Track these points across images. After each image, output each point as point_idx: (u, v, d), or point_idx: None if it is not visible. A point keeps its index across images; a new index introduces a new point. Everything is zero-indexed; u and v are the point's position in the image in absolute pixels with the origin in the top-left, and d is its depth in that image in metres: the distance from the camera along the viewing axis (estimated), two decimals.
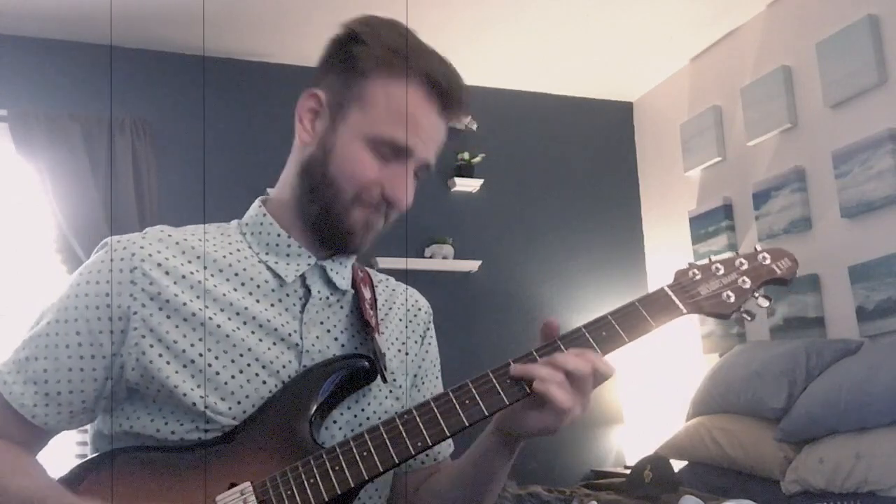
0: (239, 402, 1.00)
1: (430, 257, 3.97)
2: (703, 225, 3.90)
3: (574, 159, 4.43)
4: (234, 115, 3.84)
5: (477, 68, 4.01)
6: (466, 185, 4.12)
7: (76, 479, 0.98)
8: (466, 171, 4.11)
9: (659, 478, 2.81)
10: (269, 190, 1.21)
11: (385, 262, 3.58)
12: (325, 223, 1.06)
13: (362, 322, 1.11)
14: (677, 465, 3.15)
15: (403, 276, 1.27)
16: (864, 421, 2.47)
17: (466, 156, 4.10)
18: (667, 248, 4.25)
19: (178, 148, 3.76)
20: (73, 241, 3.44)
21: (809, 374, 2.81)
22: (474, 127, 4.07)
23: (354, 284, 1.14)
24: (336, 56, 1.07)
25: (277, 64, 3.89)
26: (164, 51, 3.81)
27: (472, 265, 4.07)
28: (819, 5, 3.33)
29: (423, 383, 1.22)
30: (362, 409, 1.09)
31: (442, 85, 1.04)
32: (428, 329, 1.24)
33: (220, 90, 3.88)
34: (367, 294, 1.15)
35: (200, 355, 1.00)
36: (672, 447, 3.18)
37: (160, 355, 0.99)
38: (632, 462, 3.51)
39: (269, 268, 1.07)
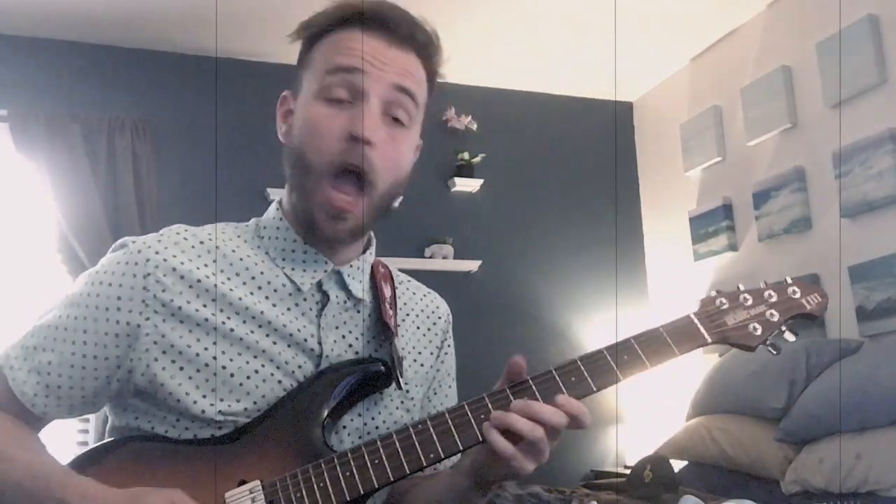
0: (255, 402, 1.00)
1: (430, 257, 3.97)
2: (703, 225, 3.90)
3: (574, 159, 4.43)
4: (234, 115, 3.84)
5: (477, 68, 4.01)
6: (466, 185, 4.12)
7: (85, 464, 0.98)
8: (466, 171, 4.11)
9: (659, 478, 2.81)
10: (268, 190, 1.21)
11: (385, 262, 3.58)
12: (305, 208, 1.03)
13: (381, 325, 1.09)
14: (677, 465, 3.15)
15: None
16: (864, 421, 2.47)
17: (466, 156, 4.10)
18: (667, 248, 4.25)
19: (178, 148, 3.75)
20: (74, 241, 3.44)
21: (809, 374, 2.81)
22: (474, 127, 4.07)
23: (374, 282, 1.12)
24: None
25: (277, 64, 3.89)
26: (164, 51, 3.81)
27: (472, 265, 4.07)
28: (819, 5, 3.33)
29: (436, 394, 1.20)
30: (372, 418, 1.08)
31: (373, 14, 1.02)
32: (446, 339, 1.22)
33: (220, 90, 3.88)
34: (387, 292, 1.13)
35: (214, 358, 0.99)
36: (672, 447, 3.18)
37: (173, 361, 0.99)
38: (632, 462, 3.51)
39: (285, 274, 1.06)
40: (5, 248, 3.49)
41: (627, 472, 3.33)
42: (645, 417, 3.92)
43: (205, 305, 1.00)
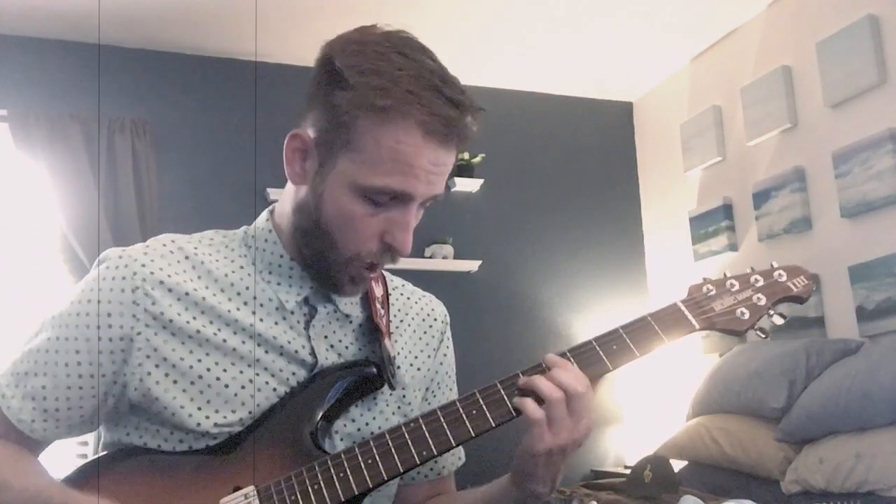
0: (250, 413, 0.99)
1: (430, 257, 3.97)
2: (703, 225, 3.90)
3: (574, 159, 4.43)
4: (234, 115, 3.84)
5: (477, 68, 4.01)
6: (466, 185, 4.12)
7: (81, 479, 0.98)
8: (466, 171, 4.11)
9: (659, 478, 2.81)
10: (268, 190, 1.20)
11: None
12: (318, 270, 1.03)
13: (372, 326, 1.09)
14: (677, 465, 3.15)
15: (404, 275, 1.25)
16: (864, 421, 2.47)
17: (466, 156, 4.09)
18: (667, 248, 4.25)
19: (178, 148, 3.76)
20: (74, 241, 3.44)
21: (809, 374, 2.81)
22: (474, 127, 4.06)
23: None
24: (319, 95, 0.98)
25: (277, 64, 3.89)
26: (164, 51, 3.81)
27: (472, 265, 4.07)
28: (819, 5, 3.33)
29: (435, 396, 1.19)
30: (367, 423, 1.07)
31: (441, 126, 0.94)
32: (443, 340, 1.21)
33: (220, 90, 3.88)
34: (378, 291, 1.12)
35: (208, 370, 0.98)
36: (672, 447, 3.18)
37: (167, 375, 0.98)
38: (632, 462, 3.51)
39: (271, 288, 1.04)
40: (5, 248, 3.49)
41: (627, 472, 3.33)
42: (645, 417, 3.92)
43: (195, 318, 0.99)
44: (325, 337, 1.06)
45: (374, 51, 0.95)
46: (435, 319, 1.20)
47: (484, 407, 0.97)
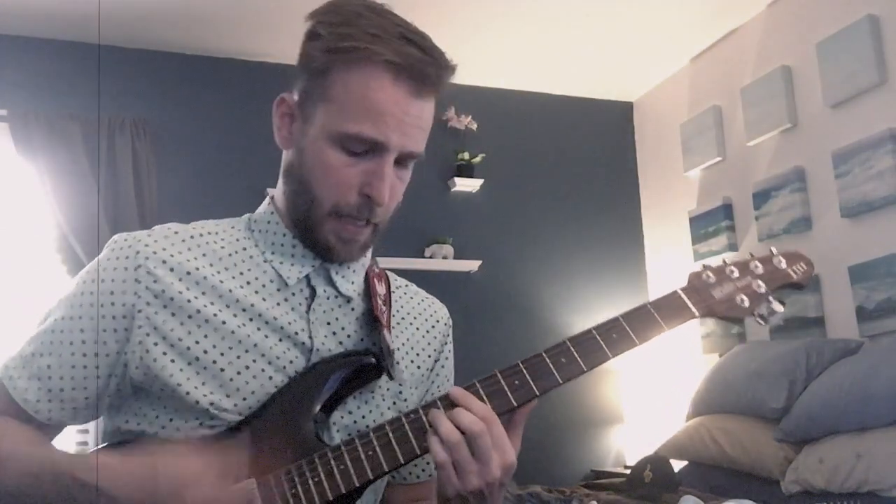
0: (244, 399, 1.00)
1: (430, 257, 3.97)
2: (703, 225, 3.90)
3: (574, 159, 4.43)
4: (234, 115, 3.84)
5: (477, 68, 4.02)
6: (466, 185, 4.12)
7: None
8: (466, 171, 4.11)
9: (659, 478, 2.81)
10: (268, 190, 1.20)
11: (385, 262, 3.58)
12: (305, 232, 1.04)
13: (372, 319, 1.09)
14: (677, 465, 3.15)
15: (404, 275, 1.25)
16: (864, 421, 2.47)
17: (466, 156, 4.10)
18: (667, 248, 4.26)
19: (178, 148, 3.76)
20: (73, 241, 3.44)
21: (809, 374, 2.81)
22: (474, 127, 4.07)
23: (367, 279, 1.12)
24: (300, 55, 1.03)
25: (277, 64, 3.89)
26: (164, 51, 3.81)
27: (472, 265, 4.07)
28: (819, 5, 3.33)
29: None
30: (363, 416, 1.07)
31: (408, 66, 0.96)
32: (445, 342, 1.20)
33: (220, 90, 3.88)
34: (380, 290, 1.12)
35: (205, 352, 0.99)
36: (672, 447, 3.18)
37: (164, 353, 0.98)
38: (632, 462, 3.52)
39: (273, 268, 1.06)
40: (5, 248, 3.49)
41: (627, 472, 3.33)
42: (645, 417, 3.92)
43: (196, 297, 1.00)
44: (328, 323, 1.06)
45: (348, 10, 1.00)
46: (437, 321, 1.20)
47: (485, 398, 0.97)
